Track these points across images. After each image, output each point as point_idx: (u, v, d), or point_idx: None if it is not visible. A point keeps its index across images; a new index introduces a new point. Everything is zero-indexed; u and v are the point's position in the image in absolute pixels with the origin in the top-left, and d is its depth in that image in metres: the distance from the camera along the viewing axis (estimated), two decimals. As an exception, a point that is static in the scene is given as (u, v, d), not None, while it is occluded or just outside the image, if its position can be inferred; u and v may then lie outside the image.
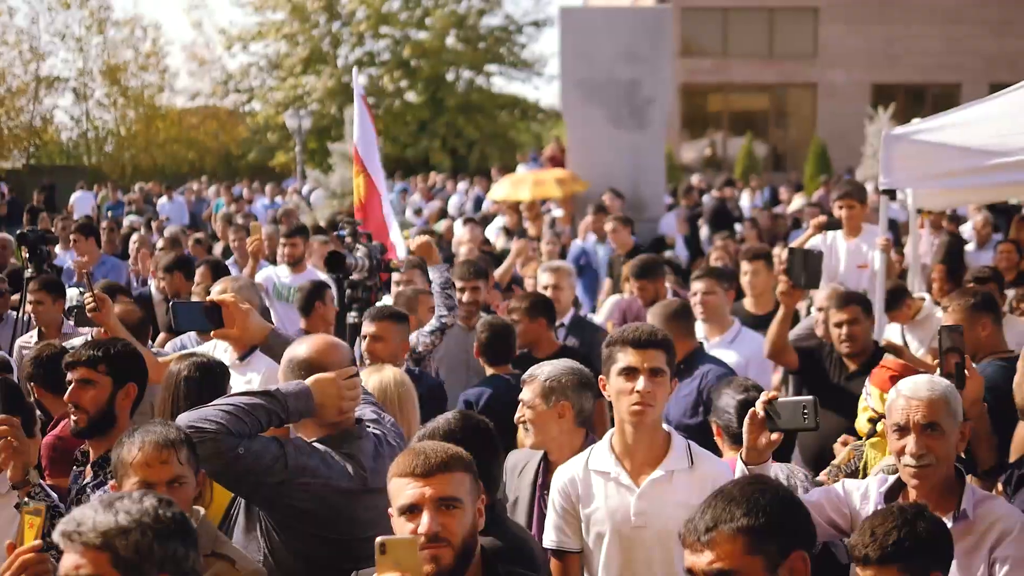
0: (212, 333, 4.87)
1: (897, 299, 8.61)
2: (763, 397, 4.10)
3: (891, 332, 8.69)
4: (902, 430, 4.13)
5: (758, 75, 40.04)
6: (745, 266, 9.56)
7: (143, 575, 2.69)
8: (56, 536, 2.69)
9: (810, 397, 4.07)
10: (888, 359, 5.63)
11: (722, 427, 5.27)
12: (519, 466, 5.33)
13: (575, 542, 4.59)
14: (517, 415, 5.30)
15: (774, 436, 4.06)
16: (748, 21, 39.73)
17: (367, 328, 6.86)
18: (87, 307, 6.20)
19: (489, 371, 7.26)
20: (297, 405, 4.04)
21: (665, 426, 4.62)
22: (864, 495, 4.23)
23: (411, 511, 3.34)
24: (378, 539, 2.94)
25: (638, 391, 4.36)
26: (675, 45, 20.28)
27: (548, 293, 8.71)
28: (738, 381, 5.57)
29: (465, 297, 8.41)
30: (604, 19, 18.52)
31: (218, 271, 9.38)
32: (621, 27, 17.71)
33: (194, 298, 8.79)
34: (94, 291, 6.23)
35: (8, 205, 32.35)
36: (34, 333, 8.61)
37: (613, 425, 4.60)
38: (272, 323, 5.39)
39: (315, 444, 4.09)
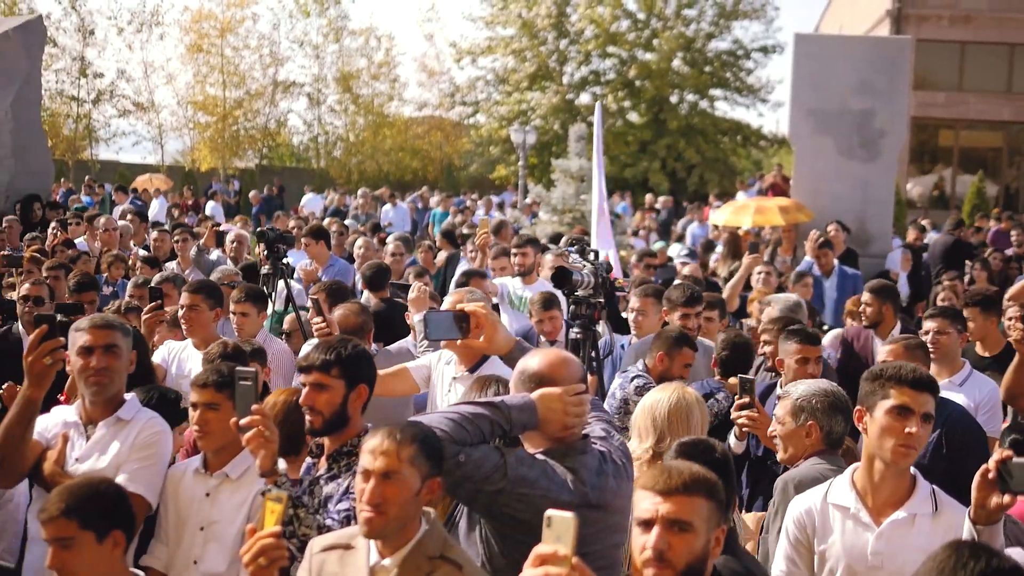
0: (459, 342, 4.93)
1: None
2: (996, 456, 3.82)
3: None
4: None
5: (993, 112, 38.66)
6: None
7: None
8: None
9: None
10: None
11: None
12: None
13: (805, 575, 4.53)
14: (770, 429, 5.36)
15: (1006, 499, 3.77)
16: (986, 56, 38.40)
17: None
18: (317, 332, 6.46)
19: None
20: (520, 417, 4.08)
21: (911, 468, 4.50)
22: None
23: (645, 525, 3.35)
24: (547, 512, 2.95)
25: (908, 433, 4.28)
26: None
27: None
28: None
29: (690, 323, 8.41)
30: (840, 48, 18.17)
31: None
32: (858, 57, 17.37)
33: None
34: (327, 317, 6.46)
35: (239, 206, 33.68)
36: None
37: None
38: None
39: (538, 456, 4.11)
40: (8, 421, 4.85)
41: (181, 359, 7.78)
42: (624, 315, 9.80)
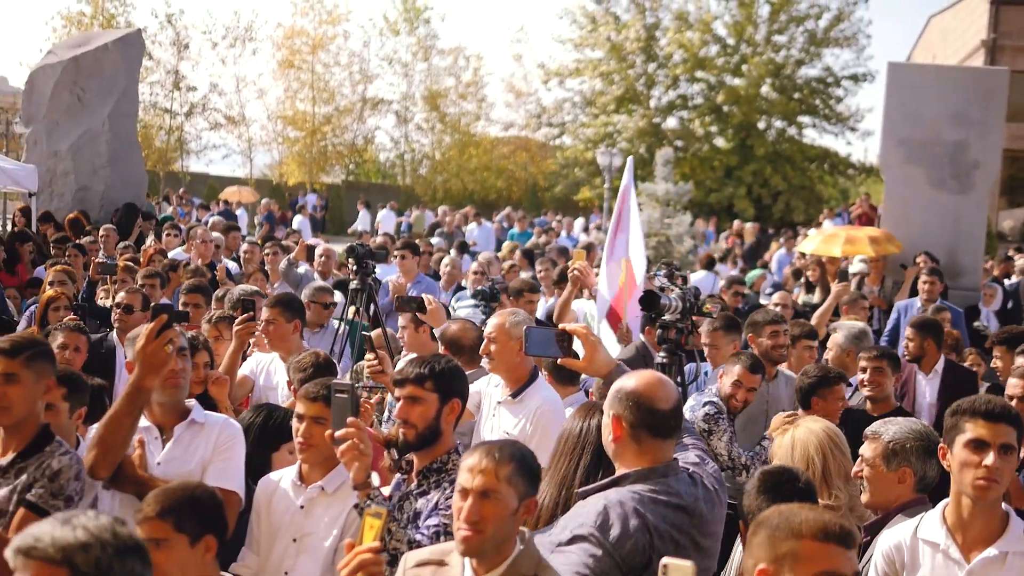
0: (559, 360, 4.95)
1: None
2: None
3: None
4: None
5: (1089, 145, 37.98)
6: None
7: None
8: (9, 553, 2.59)
9: None
10: None
11: None
12: None
13: None
14: (854, 469, 5.19)
15: None
16: (1084, 88, 37.72)
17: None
18: (369, 368, 6.44)
19: None
20: None
21: (1004, 505, 4.43)
22: None
23: None
24: (664, 560, 2.95)
25: (986, 466, 4.21)
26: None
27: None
28: None
29: (780, 340, 8.38)
30: (935, 78, 17.92)
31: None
32: (953, 87, 17.12)
33: None
34: (378, 353, 6.42)
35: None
36: None
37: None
38: None
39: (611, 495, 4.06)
40: (117, 409, 4.86)
41: (269, 371, 7.88)
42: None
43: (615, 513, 3.94)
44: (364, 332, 6.60)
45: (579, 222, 36.66)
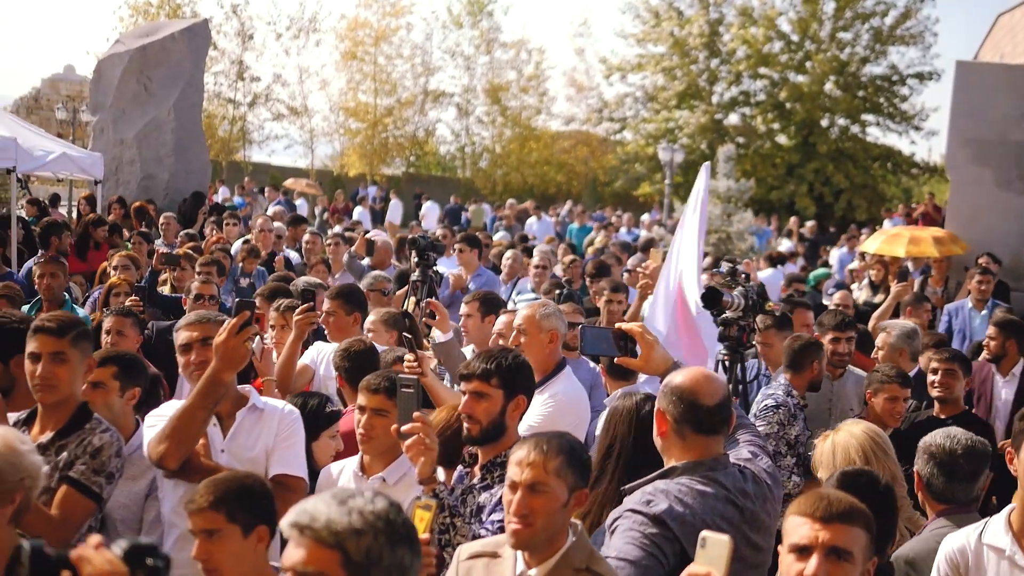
0: (616, 360, 4.95)
1: None
2: None
3: None
4: None
5: None
6: None
7: None
8: (285, 524, 2.61)
9: None
10: None
11: None
12: None
13: None
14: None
15: None
16: None
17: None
18: (408, 368, 6.33)
19: None
20: None
21: None
22: None
23: (801, 552, 3.29)
24: (703, 533, 2.95)
25: None
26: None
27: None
28: None
29: (840, 348, 8.30)
30: (1003, 77, 17.69)
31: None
32: (1021, 86, 16.90)
33: None
34: (417, 353, 6.32)
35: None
36: None
37: None
38: None
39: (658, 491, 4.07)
40: (192, 402, 4.84)
41: (329, 360, 7.90)
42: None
43: (660, 496, 3.97)
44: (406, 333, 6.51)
45: (645, 217, 36.41)
